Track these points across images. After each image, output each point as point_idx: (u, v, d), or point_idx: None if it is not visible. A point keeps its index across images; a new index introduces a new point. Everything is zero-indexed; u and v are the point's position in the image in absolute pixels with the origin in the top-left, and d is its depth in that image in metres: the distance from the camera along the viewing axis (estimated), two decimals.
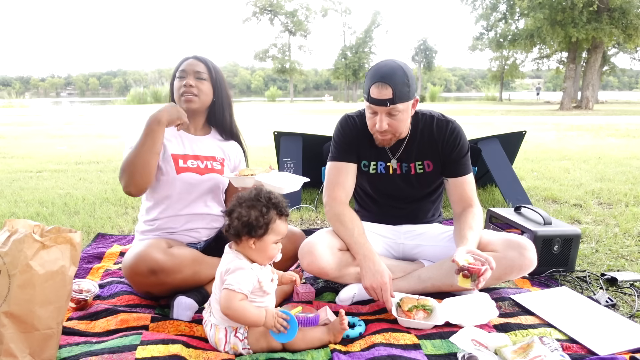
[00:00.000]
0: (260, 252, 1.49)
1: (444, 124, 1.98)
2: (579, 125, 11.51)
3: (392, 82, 1.76)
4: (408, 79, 1.79)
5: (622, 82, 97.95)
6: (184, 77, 1.92)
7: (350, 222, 1.90)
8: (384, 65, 1.81)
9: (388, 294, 1.72)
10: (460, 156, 1.98)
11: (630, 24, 20.18)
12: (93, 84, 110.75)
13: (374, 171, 2.03)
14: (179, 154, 1.93)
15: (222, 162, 2.02)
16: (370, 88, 1.80)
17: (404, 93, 1.78)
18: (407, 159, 2.01)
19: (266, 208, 1.46)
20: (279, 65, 41.85)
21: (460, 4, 29.73)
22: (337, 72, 43.79)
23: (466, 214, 1.93)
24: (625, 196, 3.83)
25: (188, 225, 1.95)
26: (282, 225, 1.51)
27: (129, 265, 1.72)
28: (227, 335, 1.50)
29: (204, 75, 1.93)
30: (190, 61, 1.94)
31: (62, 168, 5.27)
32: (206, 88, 1.94)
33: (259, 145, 7.18)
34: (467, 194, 1.98)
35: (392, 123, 1.84)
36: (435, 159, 2.00)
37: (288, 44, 42.37)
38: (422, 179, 2.03)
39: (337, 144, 2.03)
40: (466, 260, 1.62)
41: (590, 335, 1.61)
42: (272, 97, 45.43)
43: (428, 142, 1.99)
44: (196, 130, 2.03)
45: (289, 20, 41.58)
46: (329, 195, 2.00)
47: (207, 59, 1.96)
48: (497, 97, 36.98)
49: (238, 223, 1.46)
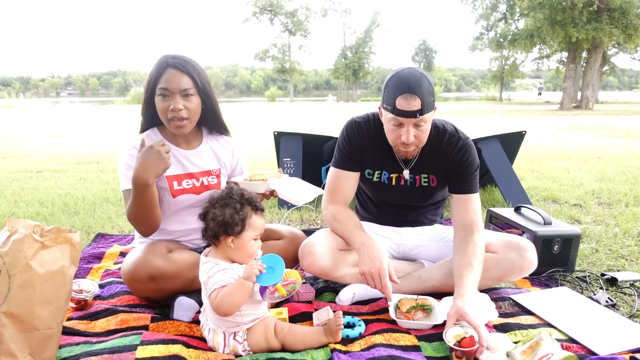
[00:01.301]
0: (239, 250, 1.48)
1: (455, 140, 1.89)
2: (579, 125, 11.50)
3: (419, 92, 1.67)
4: (432, 88, 1.73)
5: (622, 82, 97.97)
6: (167, 96, 1.71)
7: (346, 219, 1.89)
8: (409, 75, 1.70)
9: (386, 280, 1.64)
10: (466, 173, 1.88)
11: (630, 24, 20.18)
12: (93, 84, 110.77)
13: (378, 179, 2.00)
14: (173, 175, 1.83)
15: (218, 174, 1.94)
16: (397, 99, 1.68)
17: (430, 103, 1.71)
18: (415, 170, 1.95)
19: (240, 204, 1.45)
20: (279, 65, 41.85)
21: (460, 4, 29.82)
22: (337, 72, 43.79)
23: (467, 246, 1.77)
24: (625, 196, 3.83)
25: (187, 238, 1.94)
26: (258, 220, 1.50)
27: (128, 272, 1.71)
28: (226, 338, 1.50)
29: (191, 91, 1.72)
30: (171, 74, 1.70)
31: (62, 168, 5.27)
32: (195, 105, 1.76)
33: (259, 146, 7.18)
34: (470, 216, 1.85)
35: (418, 134, 1.75)
36: (440, 174, 1.94)
37: (288, 44, 42.37)
38: (427, 191, 1.98)
39: (341, 151, 1.98)
40: (456, 337, 1.45)
41: (590, 335, 1.61)
42: (272, 97, 45.47)
43: (436, 157, 1.91)
44: (189, 144, 1.90)
45: (289, 20, 41.59)
46: (327, 201, 1.99)
47: (188, 65, 1.73)
48: (497, 97, 36.98)
49: (214, 224, 1.44)
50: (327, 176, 2.03)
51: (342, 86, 49.93)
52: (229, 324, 1.49)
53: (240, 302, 1.41)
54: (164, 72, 1.72)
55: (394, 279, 1.67)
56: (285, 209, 3.37)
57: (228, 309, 1.40)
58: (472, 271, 1.69)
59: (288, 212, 3.33)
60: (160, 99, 1.73)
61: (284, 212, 3.34)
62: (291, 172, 3.65)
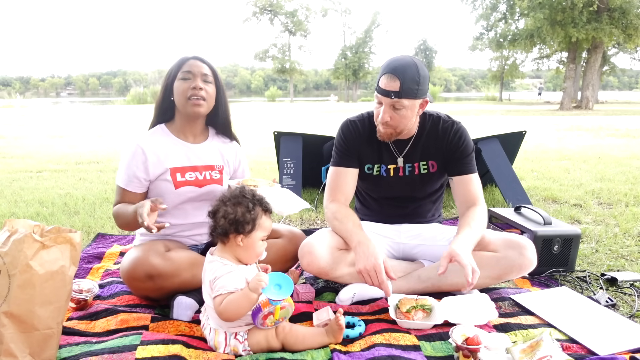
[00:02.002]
0: (247, 249, 1.48)
1: (449, 124, 1.99)
2: (579, 125, 11.50)
3: (401, 75, 1.75)
4: (419, 77, 1.78)
5: (622, 82, 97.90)
6: (189, 79, 1.83)
7: (345, 218, 1.91)
8: (399, 59, 1.81)
9: (382, 276, 1.66)
10: (463, 155, 1.97)
11: (630, 24, 20.17)
12: (93, 84, 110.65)
13: (378, 172, 2.03)
14: (177, 167, 1.88)
15: (220, 170, 1.98)
16: (381, 77, 1.80)
17: (411, 89, 1.77)
18: (412, 159, 2.01)
19: (252, 204, 1.47)
20: (279, 65, 41.84)
21: (460, 4, 29.83)
22: (337, 72, 43.78)
23: (468, 212, 1.92)
24: (625, 196, 3.83)
25: (188, 233, 1.95)
26: (267, 221, 1.52)
27: (126, 270, 1.72)
28: (227, 338, 1.50)
29: (209, 78, 1.87)
30: (194, 62, 1.85)
31: (62, 168, 5.27)
32: (212, 91, 1.88)
33: (259, 146, 7.18)
34: (471, 193, 1.96)
35: (394, 117, 1.83)
36: (439, 159, 2.00)
37: (288, 44, 42.36)
38: (426, 179, 2.03)
39: (338, 149, 2.03)
40: (463, 335, 1.45)
41: (590, 335, 1.61)
42: (272, 97, 45.42)
43: (433, 142, 1.99)
44: (195, 137, 1.97)
45: (289, 20, 41.58)
46: (328, 199, 2.02)
47: (207, 61, 1.91)
48: (497, 97, 36.95)
49: (225, 221, 1.45)
50: (327, 175, 2.06)
51: (342, 86, 49.94)
52: (231, 325, 1.49)
53: (244, 312, 1.43)
54: (186, 62, 1.86)
55: (390, 275, 1.69)
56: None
57: (232, 316, 1.43)
58: (469, 229, 1.81)
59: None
60: (181, 82, 1.84)
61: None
62: (291, 172, 3.65)
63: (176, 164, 1.88)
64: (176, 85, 1.85)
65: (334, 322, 1.53)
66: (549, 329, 1.64)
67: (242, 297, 1.40)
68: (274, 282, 1.42)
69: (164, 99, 1.92)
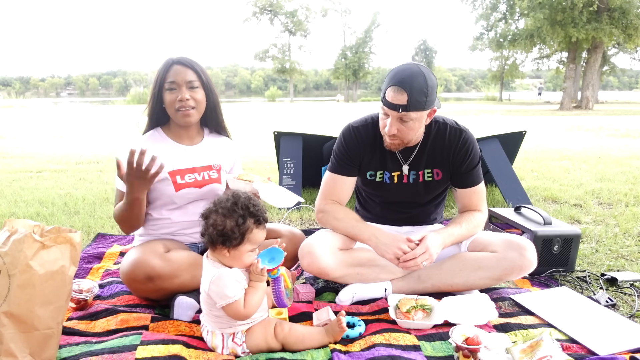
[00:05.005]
0: (234, 260, 1.47)
1: (457, 133, 1.93)
2: (579, 125, 11.50)
3: (409, 88, 1.68)
4: (427, 88, 1.71)
5: (622, 82, 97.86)
6: (175, 89, 1.81)
7: (346, 216, 1.91)
8: (406, 69, 1.73)
9: (419, 249, 1.71)
10: (470, 168, 1.93)
11: (630, 24, 20.17)
12: (93, 84, 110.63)
13: (380, 179, 2.00)
14: (176, 170, 1.89)
15: (218, 169, 1.99)
16: (387, 90, 1.74)
17: (419, 102, 1.71)
18: (417, 166, 1.96)
19: (242, 218, 1.42)
20: (279, 65, 41.87)
21: (460, 4, 29.84)
22: (337, 72, 43.80)
23: (466, 213, 1.94)
24: (625, 196, 3.83)
25: (188, 231, 1.95)
26: (259, 234, 1.48)
27: (126, 272, 1.72)
28: (224, 340, 1.49)
29: (196, 83, 1.83)
30: (177, 69, 1.82)
31: (62, 168, 5.27)
32: (200, 96, 1.86)
33: (259, 146, 7.18)
34: (473, 203, 1.97)
35: (402, 129, 1.77)
36: (444, 168, 1.96)
37: (288, 44, 42.39)
38: (431, 186, 2.00)
39: (337, 156, 1.98)
40: (463, 335, 1.45)
41: (590, 335, 1.61)
42: (272, 97, 45.48)
43: (439, 151, 1.94)
44: (191, 140, 1.97)
45: (289, 20, 41.60)
46: (322, 204, 2.00)
47: (192, 62, 1.86)
48: (497, 97, 36.97)
49: (213, 231, 1.43)
50: (323, 180, 2.04)
51: (342, 86, 49.91)
52: (225, 325, 1.49)
53: (261, 300, 1.48)
54: (170, 69, 1.84)
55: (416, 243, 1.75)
56: (285, 209, 3.37)
57: (254, 311, 1.46)
58: (457, 226, 1.87)
59: (288, 212, 3.33)
60: (168, 93, 1.83)
61: (284, 212, 3.34)
62: (291, 172, 3.65)
63: (175, 167, 1.89)
64: (164, 96, 1.84)
65: (335, 324, 1.53)
66: (549, 329, 1.65)
67: (254, 293, 1.44)
68: (266, 259, 1.48)
69: (154, 107, 1.90)
